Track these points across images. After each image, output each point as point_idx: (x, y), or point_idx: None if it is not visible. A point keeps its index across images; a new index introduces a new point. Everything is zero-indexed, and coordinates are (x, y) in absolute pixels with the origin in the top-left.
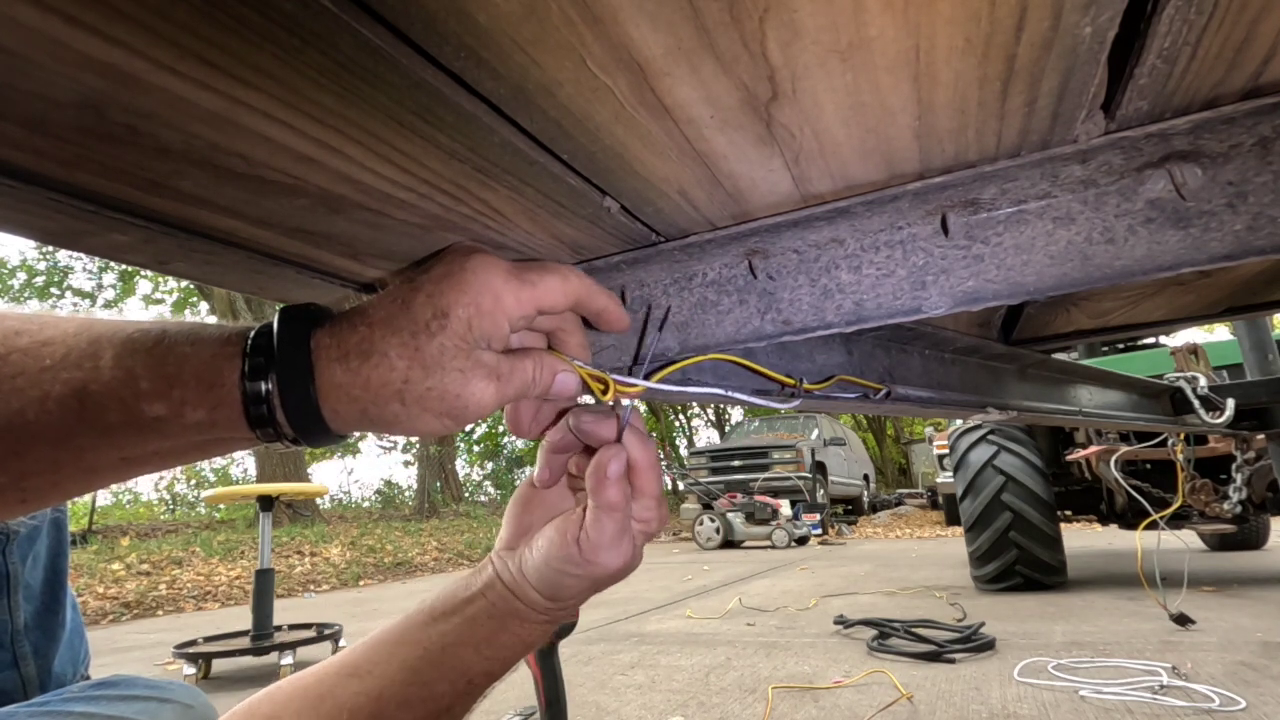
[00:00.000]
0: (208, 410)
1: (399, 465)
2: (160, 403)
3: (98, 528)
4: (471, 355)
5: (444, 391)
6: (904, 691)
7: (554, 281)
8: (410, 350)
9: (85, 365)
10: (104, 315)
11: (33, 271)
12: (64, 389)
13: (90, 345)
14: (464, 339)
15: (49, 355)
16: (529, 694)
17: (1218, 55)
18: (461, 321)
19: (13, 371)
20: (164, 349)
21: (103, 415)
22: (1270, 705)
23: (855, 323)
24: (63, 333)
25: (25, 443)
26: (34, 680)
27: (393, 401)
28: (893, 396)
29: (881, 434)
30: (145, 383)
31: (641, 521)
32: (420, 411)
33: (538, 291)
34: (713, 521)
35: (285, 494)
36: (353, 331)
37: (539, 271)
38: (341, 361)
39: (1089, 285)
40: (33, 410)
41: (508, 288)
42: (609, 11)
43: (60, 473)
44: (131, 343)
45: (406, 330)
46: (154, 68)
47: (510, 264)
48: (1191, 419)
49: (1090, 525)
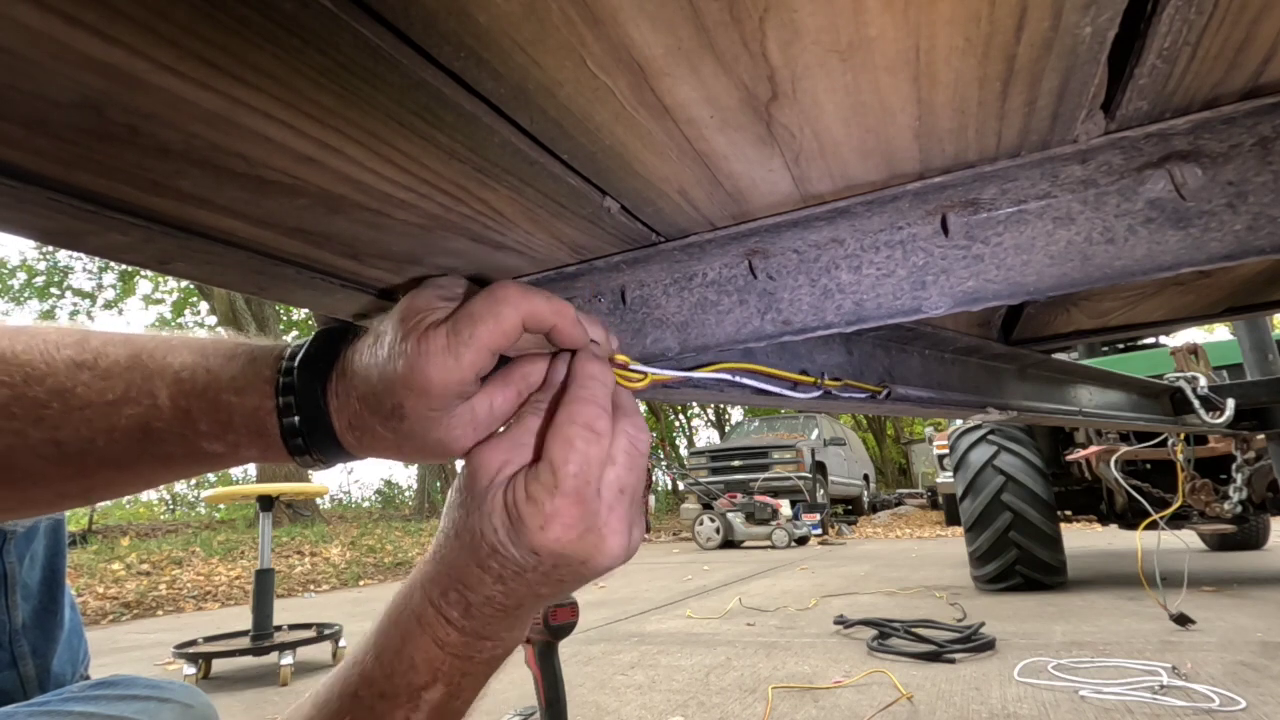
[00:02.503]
0: (259, 451)
1: (399, 465)
2: (218, 443)
3: (97, 527)
4: (441, 421)
5: (435, 451)
6: (904, 691)
7: (487, 332)
8: (390, 429)
9: (144, 402)
10: (142, 335)
11: (33, 271)
12: (129, 423)
13: (144, 382)
14: (424, 417)
15: (110, 391)
16: (529, 694)
17: (1218, 55)
18: (416, 411)
19: (80, 404)
20: (214, 395)
21: (164, 447)
22: (1270, 705)
23: (855, 323)
24: (116, 364)
25: (94, 467)
26: (33, 680)
27: (392, 452)
28: (893, 396)
29: (881, 434)
30: (203, 425)
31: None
32: (420, 456)
33: (474, 352)
34: (713, 521)
35: (285, 494)
36: (348, 399)
37: (473, 325)
38: (348, 428)
39: (1089, 285)
40: (102, 439)
41: (444, 369)
42: (609, 11)
43: (118, 489)
44: (181, 384)
45: (380, 414)
46: (154, 68)
47: (448, 330)
48: (1191, 419)
49: (1090, 525)
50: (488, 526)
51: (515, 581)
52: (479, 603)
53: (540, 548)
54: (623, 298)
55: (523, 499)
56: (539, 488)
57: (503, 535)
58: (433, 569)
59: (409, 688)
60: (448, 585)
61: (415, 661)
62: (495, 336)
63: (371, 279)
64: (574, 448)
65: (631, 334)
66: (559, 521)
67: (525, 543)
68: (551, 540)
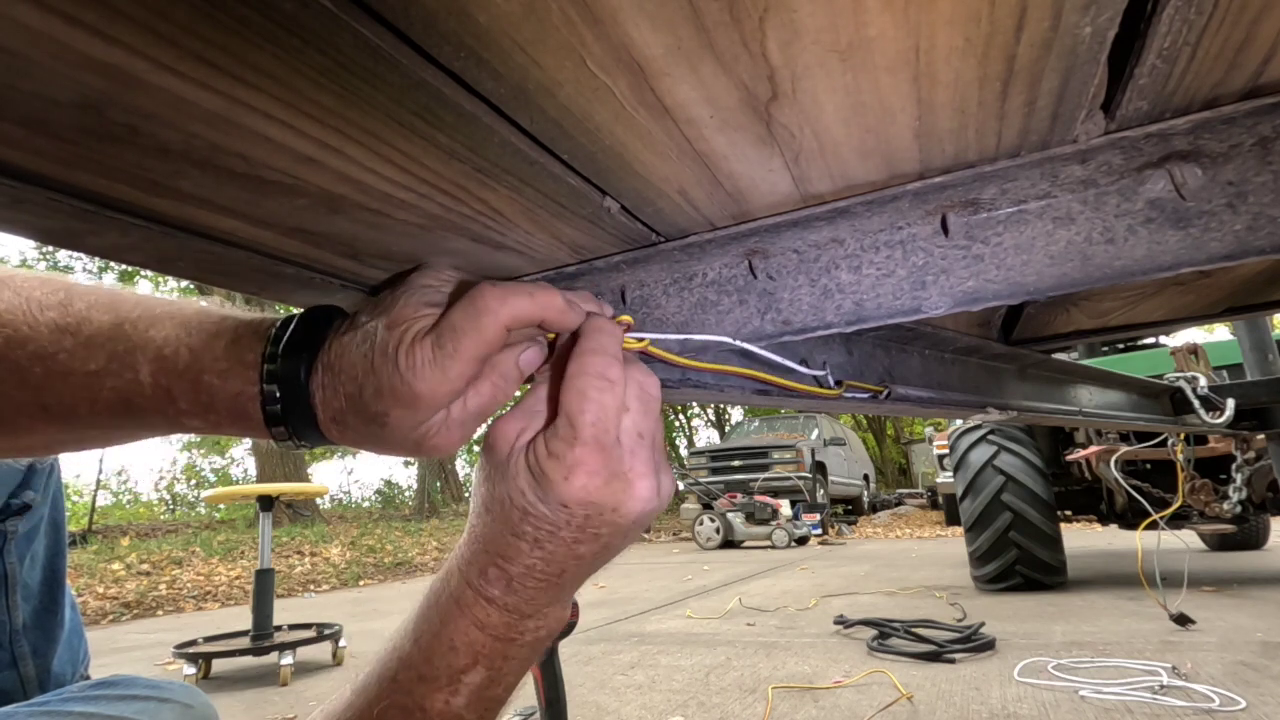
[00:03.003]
0: (240, 429)
1: (399, 465)
2: (198, 420)
3: (97, 528)
4: (421, 426)
5: (405, 446)
6: (904, 691)
7: (470, 344)
8: (371, 431)
9: (125, 376)
10: (126, 299)
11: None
12: (111, 396)
13: (126, 355)
14: (408, 424)
15: (93, 360)
16: (529, 694)
17: (1218, 55)
18: (401, 419)
19: (63, 370)
20: (194, 376)
21: (145, 419)
22: (1270, 705)
23: (855, 323)
24: (99, 332)
25: (81, 428)
26: (33, 680)
27: (371, 446)
28: (893, 396)
29: (881, 434)
30: (184, 403)
31: None
32: (396, 452)
33: (460, 364)
34: (713, 521)
35: (285, 494)
36: (334, 395)
37: (456, 338)
38: (331, 422)
39: (1089, 285)
40: (84, 408)
41: (431, 383)
42: (609, 11)
43: (116, 443)
44: (163, 361)
45: (364, 417)
46: (154, 68)
47: (433, 342)
48: (1191, 419)
49: (1090, 525)
50: (514, 490)
51: (552, 543)
52: (519, 574)
53: (569, 499)
54: (623, 298)
55: (544, 455)
56: (559, 442)
57: (530, 495)
58: (468, 550)
59: (449, 670)
60: (486, 563)
61: (456, 644)
62: (479, 347)
63: (371, 279)
64: (588, 397)
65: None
66: (583, 469)
67: (554, 497)
68: (579, 489)
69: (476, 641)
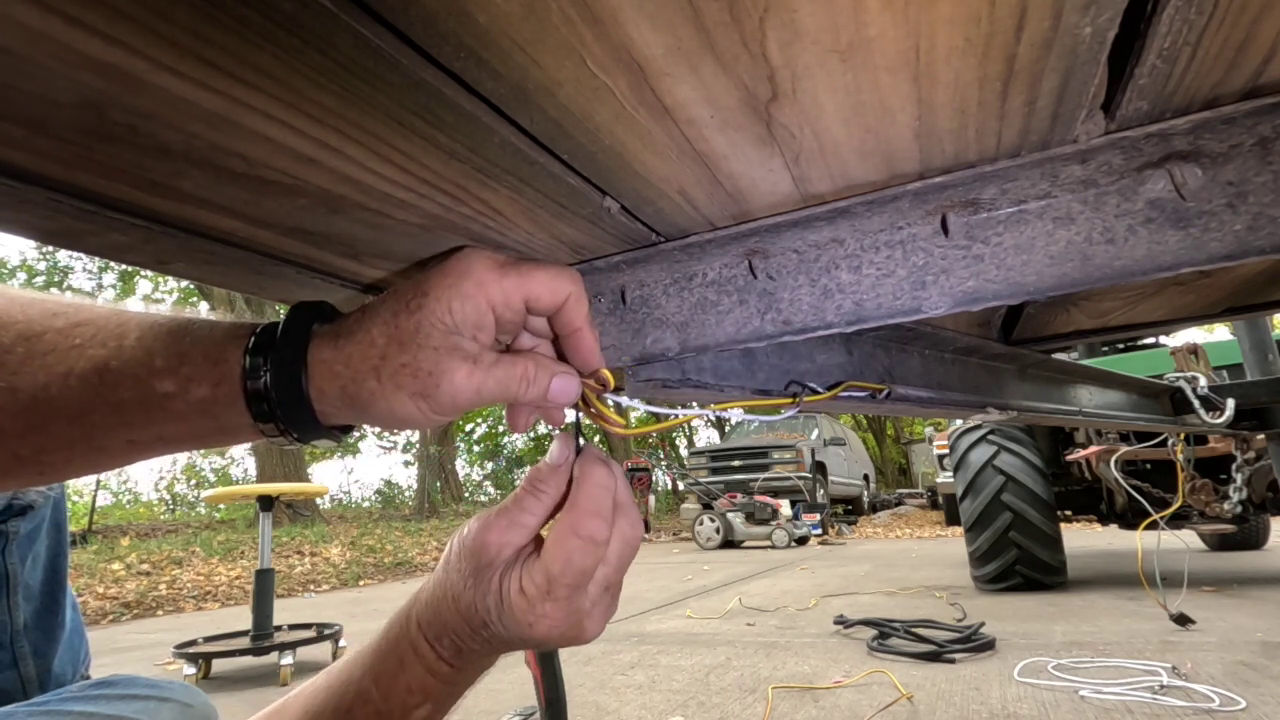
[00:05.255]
0: (210, 386)
1: (399, 465)
2: (170, 379)
3: (98, 528)
4: (449, 338)
5: (417, 368)
6: (904, 691)
7: (543, 277)
8: (390, 328)
9: (110, 344)
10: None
11: (33, 271)
12: (87, 365)
13: (119, 327)
14: (442, 320)
15: (80, 335)
16: (529, 694)
17: (1218, 55)
18: (441, 303)
19: (45, 349)
20: (182, 330)
21: (117, 391)
22: (1270, 705)
23: (855, 323)
24: (97, 315)
25: (47, 418)
26: (33, 680)
27: (369, 378)
28: (893, 396)
29: (881, 434)
30: (159, 360)
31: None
32: (394, 389)
33: (524, 282)
34: (713, 521)
35: (285, 494)
36: (347, 319)
37: (532, 266)
38: (331, 341)
39: (1089, 285)
40: (56, 386)
41: (491, 275)
42: (609, 11)
43: (73, 450)
44: (156, 326)
45: (389, 310)
46: (154, 68)
47: (505, 258)
48: (1191, 419)
49: (1090, 525)
50: (482, 605)
51: (503, 645)
52: (470, 651)
53: (527, 637)
54: (623, 298)
55: (516, 591)
56: (533, 588)
57: (494, 616)
58: (430, 614)
59: (403, 708)
60: (442, 633)
61: (411, 687)
62: (540, 285)
63: (372, 279)
64: (572, 561)
65: (631, 334)
66: (546, 622)
67: (514, 631)
68: (539, 633)
69: (428, 685)
